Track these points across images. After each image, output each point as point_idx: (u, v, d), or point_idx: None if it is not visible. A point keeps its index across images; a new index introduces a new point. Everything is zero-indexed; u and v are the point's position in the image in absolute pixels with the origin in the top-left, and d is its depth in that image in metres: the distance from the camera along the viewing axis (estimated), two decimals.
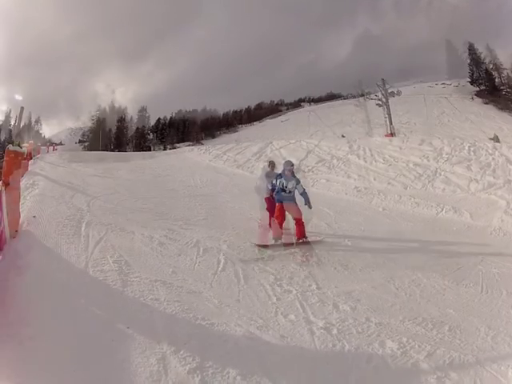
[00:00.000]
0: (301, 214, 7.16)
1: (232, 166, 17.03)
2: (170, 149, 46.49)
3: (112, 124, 70.81)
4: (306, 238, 7.03)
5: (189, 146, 46.93)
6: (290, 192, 7.27)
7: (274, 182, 7.43)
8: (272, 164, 8.00)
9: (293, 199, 7.32)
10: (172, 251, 6.08)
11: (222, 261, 5.86)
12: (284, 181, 7.30)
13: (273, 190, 7.41)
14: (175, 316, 4.14)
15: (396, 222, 9.09)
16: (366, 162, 14.65)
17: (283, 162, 7.67)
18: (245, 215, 8.77)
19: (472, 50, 65.92)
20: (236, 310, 4.42)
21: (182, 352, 3.46)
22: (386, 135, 24.60)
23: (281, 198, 7.26)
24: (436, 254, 6.89)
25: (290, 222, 7.13)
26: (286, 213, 7.23)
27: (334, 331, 4.15)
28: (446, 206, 9.96)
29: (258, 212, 8.55)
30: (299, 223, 7.12)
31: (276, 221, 7.20)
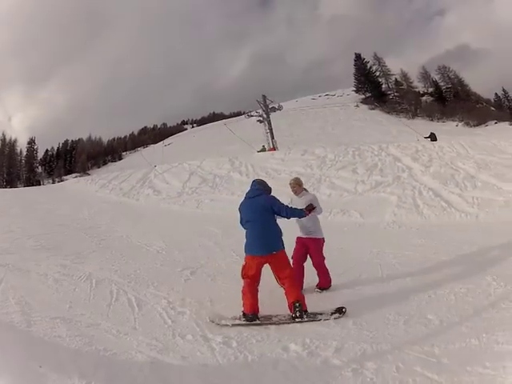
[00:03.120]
0: None
1: (118, 194, 17.85)
2: (59, 181, 46.13)
3: (2, 158, 66.15)
4: None
5: (76, 177, 46.39)
6: None
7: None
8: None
9: None
10: (67, 287, 6.21)
11: (115, 291, 5.93)
12: None
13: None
14: (79, 350, 4.20)
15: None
16: (248, 177, 15.06)
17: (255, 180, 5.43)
18: (133, 243, 9.12)
19: (358, 60, 74.03)
20: (135, 338, 4.45)
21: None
22: (269, 149, 25.61)
23: None
24: (328, 254, 6.30)
25: None
26: None
27: (234, 344, 4.18)
28: (334, 210, 10.54)
29: (144, 237, 9.28)
30: None
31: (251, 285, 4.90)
